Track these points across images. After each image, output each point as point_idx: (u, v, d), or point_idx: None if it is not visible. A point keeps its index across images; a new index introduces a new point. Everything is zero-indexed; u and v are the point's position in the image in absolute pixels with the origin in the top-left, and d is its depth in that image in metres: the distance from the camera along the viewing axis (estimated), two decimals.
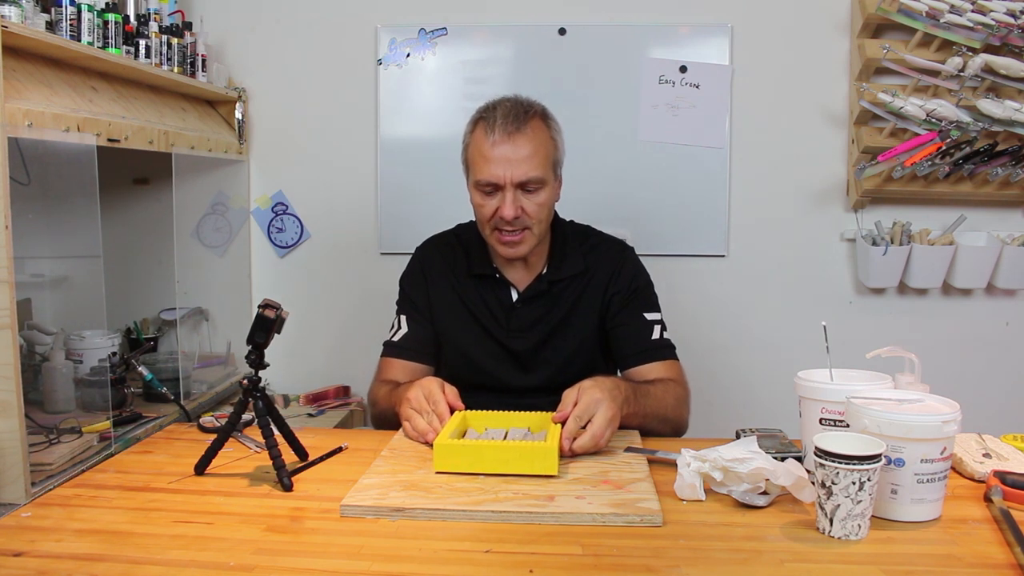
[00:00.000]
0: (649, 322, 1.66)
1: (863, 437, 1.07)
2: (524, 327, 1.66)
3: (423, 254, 1.78)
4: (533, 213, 1.56)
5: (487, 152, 1.54)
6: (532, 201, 1.56)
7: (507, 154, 1.52)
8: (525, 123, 1.54)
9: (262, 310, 1.26)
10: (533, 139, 1.54)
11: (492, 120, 1.54)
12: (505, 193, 1.54)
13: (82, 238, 1.66)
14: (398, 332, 1.72)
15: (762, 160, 2.43)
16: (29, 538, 1.06)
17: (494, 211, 1.56)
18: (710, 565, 0.98)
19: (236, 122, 2.42)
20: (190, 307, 2.34)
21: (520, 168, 1.53)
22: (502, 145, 1.52)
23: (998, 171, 2.26)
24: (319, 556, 1.01)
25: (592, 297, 1.67)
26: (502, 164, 1.53)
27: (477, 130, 1.58)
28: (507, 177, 1.53)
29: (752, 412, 1.86)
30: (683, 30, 2.40)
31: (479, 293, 1.69)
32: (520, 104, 1.58)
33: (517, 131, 1.53)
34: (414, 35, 2.43)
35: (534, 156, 1.54)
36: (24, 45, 1.46)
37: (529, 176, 1.53)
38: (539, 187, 1.56)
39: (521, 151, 1.53)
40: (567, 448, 1.30)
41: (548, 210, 1.61)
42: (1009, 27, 2.16)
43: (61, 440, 1.46)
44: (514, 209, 1.54)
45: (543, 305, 1.67)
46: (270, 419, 1.28)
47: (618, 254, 1.71)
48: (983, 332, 2.45)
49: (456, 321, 1.69)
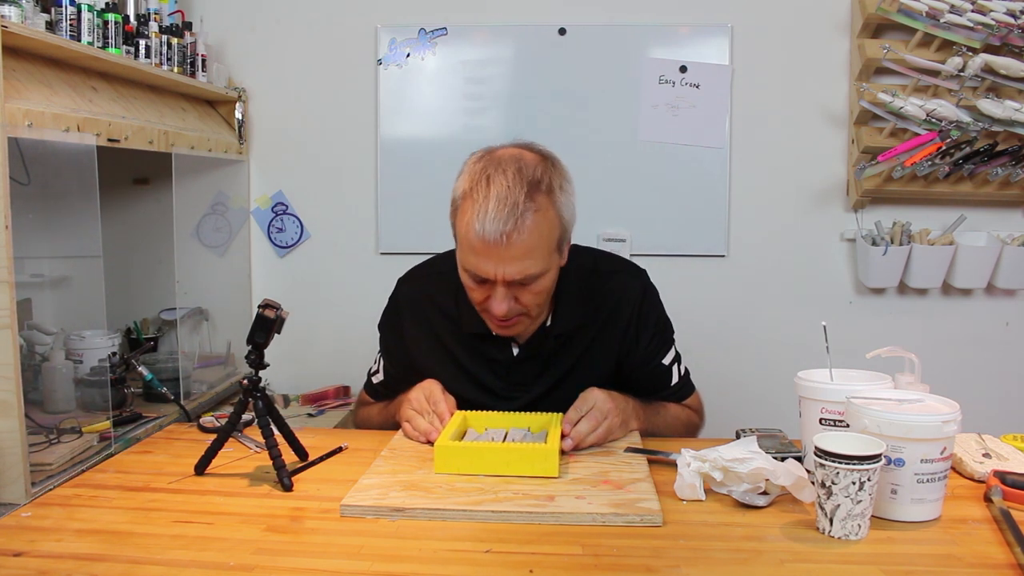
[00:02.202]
0: (667, 367, 1.54)
1: (863, 437, 1.07)
2: (527, 380, 1.50)
3: (401, 298, 1.57)
4: (530, 303, 1.36)
5: (475, 245, 1.29)
6: (529, 291, 1.34)
7: (499, 253, 1.28)
8: (524, 214, 1.27)
9: (262, 310, 1.26)
10: (533, 232, 1.28)
11: (483, 205, 1.27)
12: (496, 288, 1.33)
13: (82, 238, 1.66)
14: (376, 374, 1.64)
15: (762, 160, 2.43)
16: (29, 538, 1.06)
17: (484, 298, 1.37)
18: (710, 565, 0.98)
19: (236, 122, 2.42)
20: (190, 307, 2.34)
21: (514, 267, 1.30)
22: (493, 246, 1.27)
23: (998, 171, 2.26)
24: (319, 556, 1.01)
25: (607, 342, 1.50)
26: (492, 262, 1.29)
27: (466, 205, 1.31)
28: (498, 275, 1.30)
29: (752, 412, 1.86)
30: (683, 30, 2.40)
31: (473, 346, 1.50)
32: (521, 179, 1.29)
33: (513, 229, 1.26)
34: (414, 35, 2.43)
35: (533, 251, 1.30)
36: (24, 45, 1.46)
37: (525, 275, 1.31)
38: (538, 278, 1.34)
39: (516, 250, 1.28)
40: (567, 430, 1.32)
41: (548, 292, 1.40)
42: (1009, 27, 2.16)
43: (61, 440, 1.46)
44: (507, 306, 1.33)
45: (548, 357, 1.49)
46: (270, 419, 1.28)
47: (637, 296, 1.51)
48: (983, 332, 2.45)
49: (444, 373, 1.50)
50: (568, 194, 1.37)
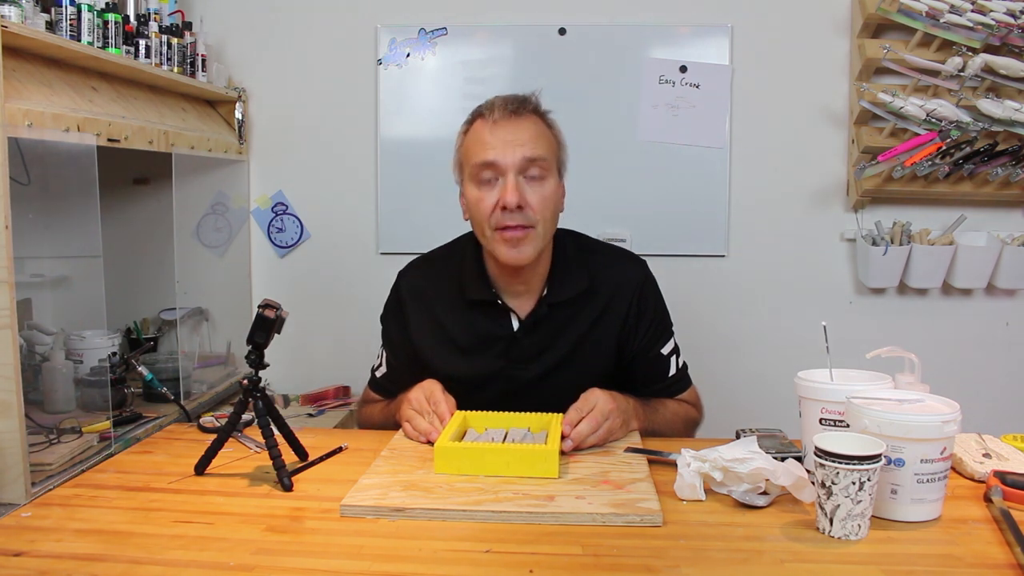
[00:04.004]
0: (666, 357, 1.56)
1: (863, 437, 1.07)
2: (527, 358, 1.52)
3: (403, 285, 1.61)
4: (537, 206, 1.41)
5: (485, 136, 1.42)
6: (536, 192, 1.41)
7: (508, 136, 1.41)
8: (526, 109, 1.45)
9: (262, 310, 1.26)
10: (535, 123, 1.45)
11: (489, 108, 1.44)
12: (507, 177, 1.40)
13: (82, 238, 1.66)
14: (380, 368, 1.64)
15: (762, 160, 2.43)
16: (29, 538, 1.06)
17: (494, 204, 1.41)
18: (710, 565, 0.98)
19: (236, 122, 2.42)
20: (190, 307, 2.34)
21: (523, 147, 1.40)
22: (503, 125, 1.42)
23: (998, 171, 2.26)
24: (319, 556, 1.01)
25: (607, 328, 1.52)
26: (502, 146, 1.40)
27: (474, 123, 1.47)
28: (508, 158, 1.40)
29: (752, 412, 1.86)
30: (683, 30, 2.40)
31: (473, 326, 1.53)
32: (518, 97, 1.48)
33: (517, 113, 1.43)
34: (414, 35, 2.43)
35: (538, 138, 1.43)
36: (24, 45, 1.46)
37: (534, 154, 1.41)
38: (544, 175, 1.42)
39: (523, 132, 1.42)
40: (567, 431, 1.32)
41: (552, 209, 1.45)
42: (1009, 27, 2.16)
43: (61, 440, 1.46)
44: (517, 194, 1.39)
45: (548, 335, 1.52)
46: (270, 419, 1.28)
47: (637, 283, 1.54)
48: (983, 332, 2.45)
49: (445, 358, 1.54)
50: (559, 132, 1.51)
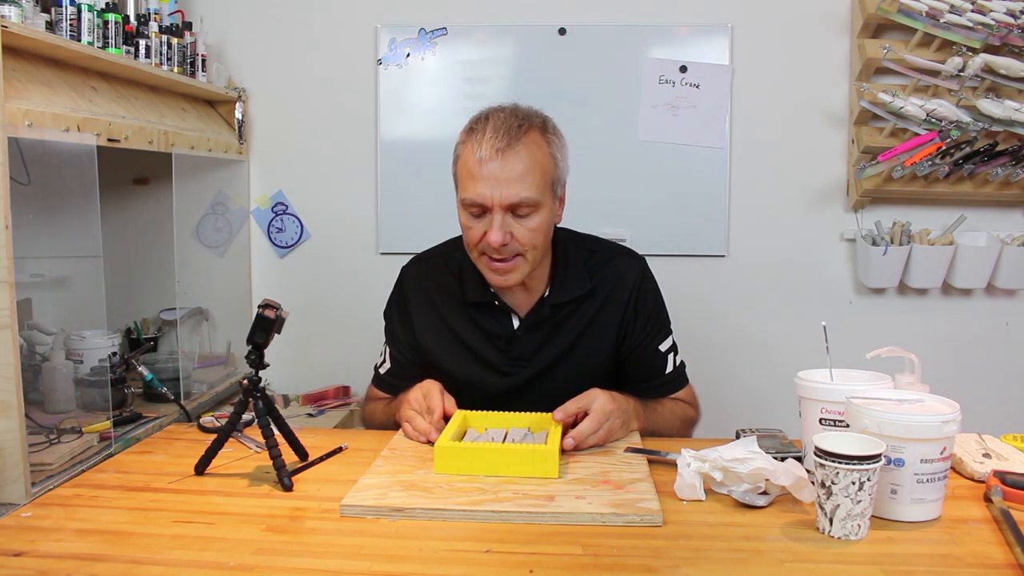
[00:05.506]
0: (663, 354, 1.56)
1: (863, 437, 1.07)
2: (527, 355, 1.53)
3: (406, 280, 1.62)
4: (524, 240, 1.40)
5: (473, 169, 1.37)
6: (524, 226, 1.39)
7: (495, 173, 1.35)
8: (518, 138, 1.37)
9: (262, 310, 1.26)
10: (527, 157, 1.37)
11: (481, 133, 1.38)
12: (493, 216, 1.38)
13: (82, 238, 1.66)
14: (383, 364, 1.65)
15: (762, 160, 2.43)
16: (29, 538, 1.06)
17: (481, 235, 1.40)
18: (710, 565, 0.98)
19: (236, 122, 2.42)
20: (190, 307, 2.34)
21: (510, 189, 1.36)
22: (490, 163, 1.35)
23: (998, 171, 2.26)
24: (319, 556, 1.01)
25: (606, 322, 1.53)
26: (489, 184, 1.36)
27: (467, 142, 1.41)
28: (494, 199, 1.36)
29: (752, 412, 1.86)
30: (683, 30, 2.40)
31: (475, 321, 1.54)
32: (517, 115, 1.41)
33: (508, 147, 1.36)
34: (414, 35, 2.43)
35: (527, 176, 1.37)
36: (24, 45, 1.46)
37: (520, 198, 1.37)
38: (532, 210, 1.39)
39: (512, 170, 1.36)
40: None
41: (544, 235, 1.44)
42: (1009, 27, 2.16)
43: (61, 440, 1.46)
44: (502, 235, 1.37)
45: (548, 331, 1.53)
46: (270, 419, 1.28)
47: (635, 278, 1.55)
48: (983, 332, 2.45)
49: (447, 351, 1.56)
50: (561, 147, 1.46)
